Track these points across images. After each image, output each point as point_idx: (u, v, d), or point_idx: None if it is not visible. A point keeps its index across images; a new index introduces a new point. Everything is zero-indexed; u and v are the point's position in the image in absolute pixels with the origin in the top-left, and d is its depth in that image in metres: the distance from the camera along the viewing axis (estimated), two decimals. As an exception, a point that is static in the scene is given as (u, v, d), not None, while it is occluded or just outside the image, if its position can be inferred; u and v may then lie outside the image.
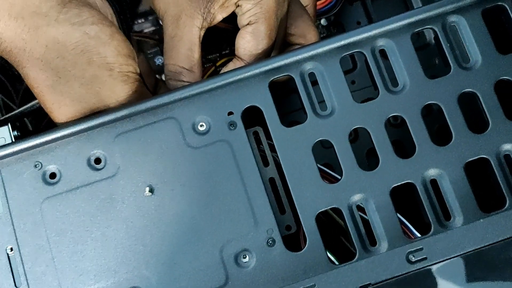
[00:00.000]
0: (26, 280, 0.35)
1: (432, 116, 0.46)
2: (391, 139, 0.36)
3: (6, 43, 0.35)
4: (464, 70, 0.36)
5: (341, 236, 0.42)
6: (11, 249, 0.35)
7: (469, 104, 0.38)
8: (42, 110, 0.48)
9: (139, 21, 0.56)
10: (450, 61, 0.36)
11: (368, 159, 0.48)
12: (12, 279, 0.35)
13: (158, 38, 0.54)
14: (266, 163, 0.38)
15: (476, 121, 0.38)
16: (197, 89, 0.36)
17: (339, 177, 0.36)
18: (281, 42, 0.42)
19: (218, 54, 0.52)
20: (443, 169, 0.35)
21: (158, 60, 0.56)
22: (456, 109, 0.36)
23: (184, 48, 0.39)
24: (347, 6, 0.53)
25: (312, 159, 0.36)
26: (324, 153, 0.47)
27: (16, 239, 0.35)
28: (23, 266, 0.35)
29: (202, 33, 0.39)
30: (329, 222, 0.40)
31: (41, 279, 0.35)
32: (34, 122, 0.51)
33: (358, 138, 0.49)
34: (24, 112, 0.46)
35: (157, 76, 0.51)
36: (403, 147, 0.46)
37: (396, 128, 0.48)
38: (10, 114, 0.47)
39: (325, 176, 0.37)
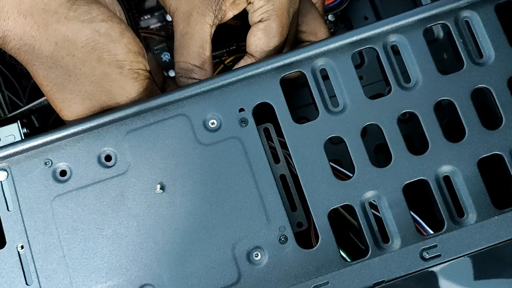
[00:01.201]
0: (37, 277, 0.34)
1: (441, 112, 0.46)
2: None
3: (15, 40, 0.35)
4: (477, 65, 0.36)
5: (350, 234, 0.42)
6: (22, 247, 0.35)
7: (481, 100, 0.38)
8: (49, 107, 0.48)
9: (145, 17, 0.55)
10: (463, 57, 0.36)
11: (376, 155, 0.48)
12: (23, 276, 0.35)
13: (165, 34, 0.53)
14: (276, 160, 0.38)
15: (489, 118, 0.38)
16: (208, 86, 0.36)
17: (350, 174, 0.36)
18: (292, 40, 0.41)
19: (225, 50, 0.52)
20: (456, 166, 0.35)
21: (165, 57, 0.56)
22: (469, 105, 0.36)
23: (195, 45, 0.38)
24: (354, 1, 0.53)
25: (324, 156, 0.35)
26: (332, 149, 0.46)
27: (27, 236, 0.35)
28: (34, 264, 0.35)
29: (213, 30, 0.39)
30: (338, 219, 0.40)
31: (52, 277, 0.34)
32: (40, 119, 0.51)
33: (366, 134, 0.49)
34: (31, 109, 0.46)
35: (164, 73, 0.51)
36: (412, 142, 0.46)
37: (405, 124, 0.48)
38: (18, 111, 0.46)
39: (336, 174, 0.37)
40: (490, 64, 0.36)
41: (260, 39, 0.38)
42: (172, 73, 0.56)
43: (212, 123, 0.36)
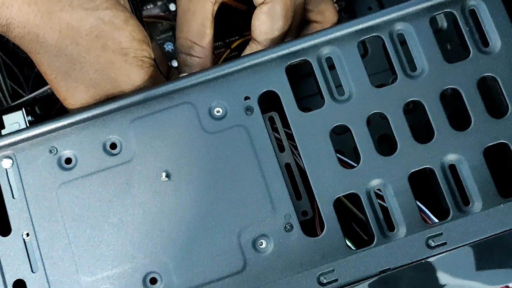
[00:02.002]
0: (43, 265, 0.34)
1: (444, 102, 0.46)
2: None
3: (19, 28, 0.35)
4: (483, 54, 0.36)
5: (353, 224, 0.42)
6: (27, 235, 0.35)
7: (485, 90, 0.38)
8: (52, 97, 0.47)
9: (148, 6, 0.55)
10: (469, 45, 0.36)
11: (379, 145, 0.48)
12: (29, 264, 0.35)
13: (173, 16, 0.53)
14: (281, 149, 0.38)
15: (494, 107, 0.38)
16: (213, 74, 0.36)
17: (355, 164, 0.36)
18: (297, 23, 0.41)
19: (230, 40, 0.51)
20: (462, 154, 0.35)
21: (168, 47, 0.56)
22: (475, 94, 0.36)
23: (196, 22, 0.38)
24: (359, -9, 0.53)
25: (330, 144, 0.35)
26: (335, 139, 0.46)
27: (32, 224, 0.35)
28: (40, 251, 0.35)
29: (215, 8, 0.39)
30: (341, 209, 0.40)
31: (57, 264, 0.34)
32: (43, 108, 0.51)
33: (370, 123, 0.49)
34: (35, 98, 0.46)
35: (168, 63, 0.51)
36: (414, 133, 0.46)
37: (407, 114, 0.48)
38: (21, 100, 0.46)
39: (340, 163, 0.37)
40: (496, 53, 0.36)
41: (264, 23, 0.38)
42: (175, 63, 0.56)
43: (218, 111, 0.36)
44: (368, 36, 0.36)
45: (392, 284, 0.33)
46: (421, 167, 0.35)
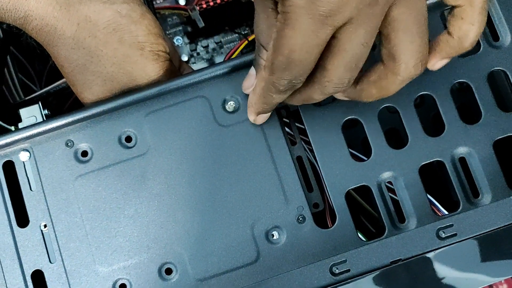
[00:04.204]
0: (61, 255, 0.35)
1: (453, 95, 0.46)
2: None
3: (37, 20, 0.35)
4: (493, 48, 0.37)
5: (362, 217, 0.42)
6: (45, 226, 0.36)
7: (494, 83, 0.39)
8: (65, 92, 0.48)
9: (158, 1, 0.56)
10: (480, 40, 0.37)
11: (386, 139, 0.48)
12: (46, 254, 0.35)
13: (191, 7, 0.53)
14: (292, 143, 0.38)
15: (502, 100, 0.38)
16: (227, 68, 0.37)
17: (365, 158, 0.36)
18: None
19: (244, 32, 0.51)
20: (472, 147, 0.36)
21: (178, 41, 0.57)
22: (485, 87, 0.36)
23: None
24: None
25: (342, 137, 0.36)
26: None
27: (50, 216, 0.36)
28: (57, 242, 0.35)
29: None
30: (350, 202, 0.41)
31: (75, 254, 0.35)
32: (54, 103, 0.51)
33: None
34: (49, 92, 0.47)
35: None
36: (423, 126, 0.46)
37: (416, 109, 0.48)
38: (35, 94, 0.47)
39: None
40: (506, 47, 0.36)
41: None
42: (184, 58, 0.56)
43: (231, 105, 0.37)
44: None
45: (391, 278, 0.33)
46: (432, 160, 0.36)
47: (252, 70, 0.35)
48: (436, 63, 0.33)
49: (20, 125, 0.38)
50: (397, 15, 0.30)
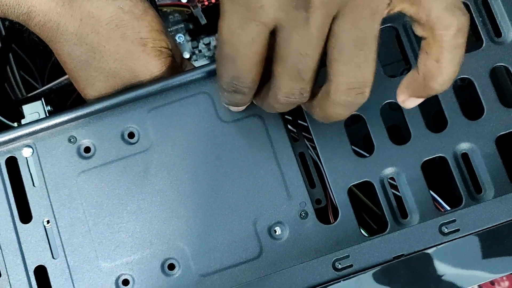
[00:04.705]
0: (64, 251, 0.35)
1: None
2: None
3: (40, 16, 0.35)
4: (496, 44, 0.37)
5: (363, 214, 0.42)
6: (48, 222, 0.36)
7: (496, 79, 0.39)
8: (67, 89, 0.48)
9: (160, -1, 0.56)
10: (482, 36, 0.37)
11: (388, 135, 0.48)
12: (49, 250, 0.35)
13: (194, 4, 0.53)
14: (294, 139, 0.38)
15: (504, 97, 0.38)
16: (229, 64, 0.37)
17: (367, 155, 0.36)
18: None
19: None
20: (475, 143, 0.36)
21: (180, 38, 0.57)
22: (488, 84, 0.36)
23: None
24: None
25: (344, 133, 0.36)
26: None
27: (53, 211, 0.36)
28: (60, 237, 0.35)
29: None
30: (351, 198, 0.41)
31: (78, 250, 0.35)
32: (56, 100, 0.51)
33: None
34: (52, 88, 0.47)
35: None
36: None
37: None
38: (38, 91, 0.47)
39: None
40: (508, 43, 0.36)
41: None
42: (186, 55, 0.57)
43: (234, 101, 0.37)
44: (382, 26, 0.37)
45: (393, 273, 0.34)
46: (434, 156, 0.36)
47: None
48: (407, 101, 0.30)
49: (23, 121, 0.39)
50: (337, 31, 0.27)
